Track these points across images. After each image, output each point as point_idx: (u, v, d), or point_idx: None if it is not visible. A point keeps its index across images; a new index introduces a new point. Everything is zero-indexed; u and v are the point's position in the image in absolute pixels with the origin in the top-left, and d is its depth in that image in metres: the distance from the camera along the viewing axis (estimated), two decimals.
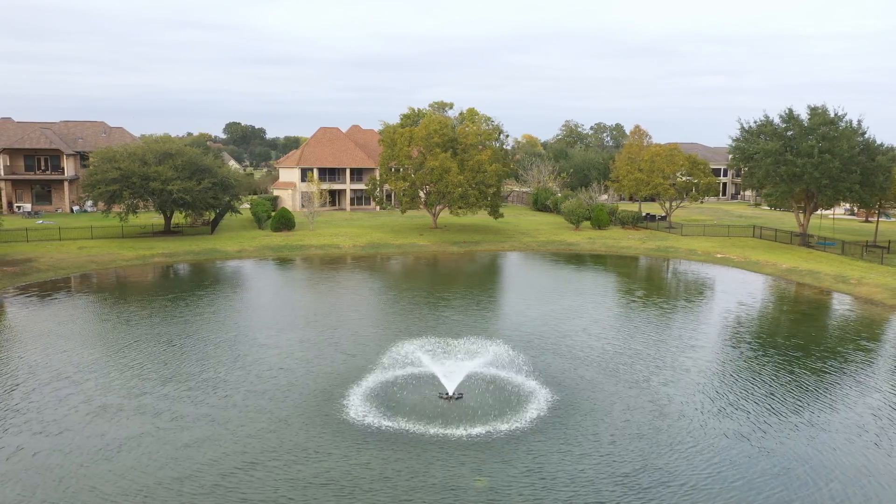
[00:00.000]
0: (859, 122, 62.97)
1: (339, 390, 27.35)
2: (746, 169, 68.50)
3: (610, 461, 21.46)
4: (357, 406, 25.66)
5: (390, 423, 23.99)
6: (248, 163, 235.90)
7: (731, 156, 70.96)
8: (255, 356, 31.97)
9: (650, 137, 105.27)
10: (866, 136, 62.58)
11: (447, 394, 26.66)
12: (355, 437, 23.02)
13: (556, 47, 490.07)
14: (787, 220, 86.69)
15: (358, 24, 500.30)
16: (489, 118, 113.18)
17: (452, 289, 48.78)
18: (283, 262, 60.09)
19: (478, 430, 23.52)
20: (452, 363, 28.86)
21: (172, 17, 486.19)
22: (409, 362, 29.49)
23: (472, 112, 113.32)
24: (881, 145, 62.68)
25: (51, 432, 23.19)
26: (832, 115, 62.28)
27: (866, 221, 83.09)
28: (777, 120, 64.88)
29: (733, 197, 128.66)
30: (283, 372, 29.80)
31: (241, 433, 23.24)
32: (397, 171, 76.17)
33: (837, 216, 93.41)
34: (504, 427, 23.80)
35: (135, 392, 26.99)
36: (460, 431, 23.39)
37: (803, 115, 63.60)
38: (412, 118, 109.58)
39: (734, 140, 67.26)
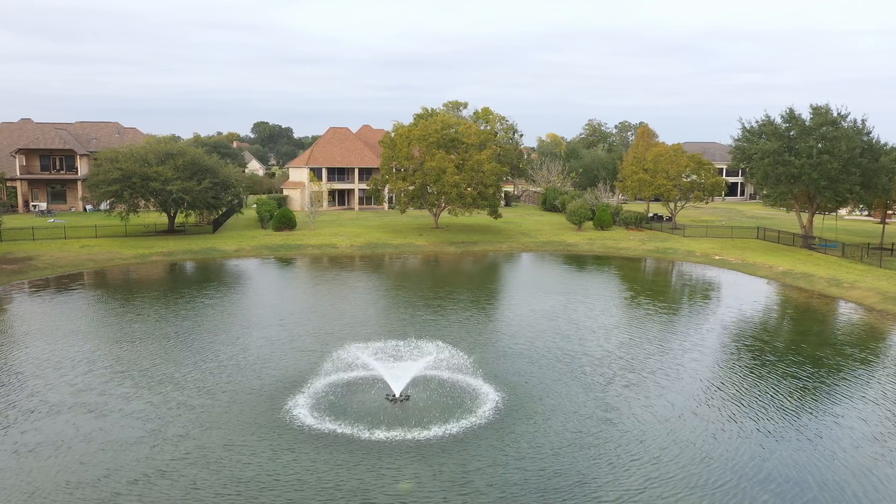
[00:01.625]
0: (863, 121, 61.08)
1: (283, 390, 26.93)
2: (747, 169, 66.95)
3: (543, 474, 20.45)
4: (297, 407, 25.18)
5: (327, 426, 23.44)
6: (273, 161, 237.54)
7: (731, 156, 69.39)
8: (211, 353, 31.88)
9: (657, 137, 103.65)
10: (870, 136, 60.65)
11: (394, 395, 26.27)
12: (285, 440, 22.51)
13: (585, 45, 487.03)
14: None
15: (387, 24, 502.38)
16: (503, 118, 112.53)
17: (438, 289, 48.27)
18: (278, 261, 60.22)
19: (415, 434, 22.81)
20: (406, 364, 28.04)
21: (203, 19, 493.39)
22: (363, 364, 28.75)
23: (486, 111, 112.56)
24: (885, 146, 60.75)
25: None
26: (835, 114, 60.38)
27: (881, 223, 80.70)
28: (779, 119, 63.27)
29: (752, 197, 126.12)
30: (232, 369, 29.59)
31: (163, 435, 22.81)
32: (402, 171, 76.02)
33: (853, 217, 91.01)
34: (443, 432, 23.03)
35: (79, 388, 26.99)
36: (396, 435, 22.75)
37: (806, 114, 61.91)
38: (425, 118, 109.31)
39: (735, 140, 65.81)
